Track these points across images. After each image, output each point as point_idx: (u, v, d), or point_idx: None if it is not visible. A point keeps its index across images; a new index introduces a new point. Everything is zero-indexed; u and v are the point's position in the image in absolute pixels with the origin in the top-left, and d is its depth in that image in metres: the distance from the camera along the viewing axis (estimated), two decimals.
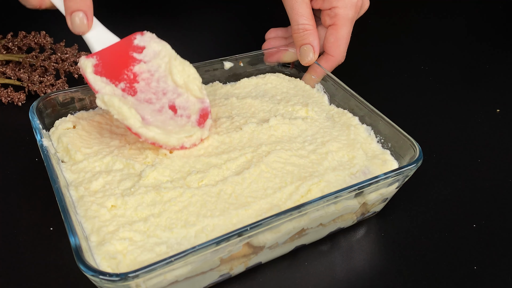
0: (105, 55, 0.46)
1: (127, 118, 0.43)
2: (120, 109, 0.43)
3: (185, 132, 0.46)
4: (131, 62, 0.47)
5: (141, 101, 0.46)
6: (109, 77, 0.46)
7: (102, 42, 0.46)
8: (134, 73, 0.47)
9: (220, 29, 0.83)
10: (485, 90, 0.71)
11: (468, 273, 0.43)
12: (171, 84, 0.48)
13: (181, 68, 0.48)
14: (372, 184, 0.41)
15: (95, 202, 0.40)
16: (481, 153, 0.58)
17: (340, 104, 0.55)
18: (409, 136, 0.46)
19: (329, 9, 0.57)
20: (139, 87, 0.46)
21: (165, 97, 0.47)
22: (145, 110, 0.46)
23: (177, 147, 0.45)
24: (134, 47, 0.47)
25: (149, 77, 0.47)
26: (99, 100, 0.43)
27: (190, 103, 0.48)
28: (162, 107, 0.47)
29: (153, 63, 0.47)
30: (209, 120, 0.48)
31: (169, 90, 0.47)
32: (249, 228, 0.35)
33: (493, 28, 0.90)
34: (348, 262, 0.44)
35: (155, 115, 0.46)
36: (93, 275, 0.32)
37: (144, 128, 0.43)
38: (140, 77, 0.47)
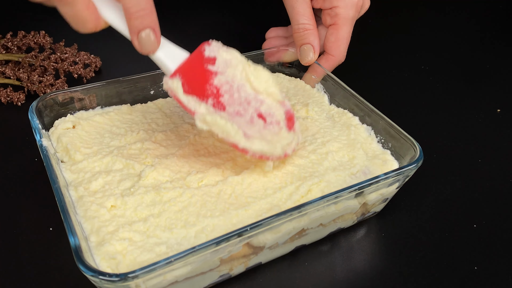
0: (184, 72, 0.43)
1: (233, 135, 0.42)
2: (225, 127, 0.41)
3: (284, 139, 0.44)
4: (209, 76, 0.44)
5: (233, 115, 0.44)
6: (198, 95, 0.43)
7: (174, 58, 0.43)
8: (215, 87, 0.43)
9: (220, 28, 0.83)
10: (486, 90, 0.70)
11: (468, 273, 0.43)
12: (251, 92, 0.45)
13: (257, 73, 0.45)
14: (373, 184, 0.40)
15: (95, 202, 0.40)
16: (482, 153, 0.58)
17: (340, 104, 0.55)
18: (410, 136, 0.46)
19: (329, 8, 0.57)
20: (225, 101, 0.44)
21: (251, 107, 0.45)
22: (240, 124, 0.43)
23: (282, 156, 0.44)
24: (207, 59, 0.44)
25: (230, 89, 0.44)
26: (200, 121, 0.41)
27: (274, 108, 0.45)
28: (252, 117, 0.44)
29: (228, 73, 0.44)
30: (297, 122, 0.47)
31: (251, 98, 0.45)
32: (249, 228, 0.35)
33: (493, 27, 0.89)
34: (348, 262, 0.44)
35: (250, 127, 0.44)
36: (93, 275, 0.32)
37: (249, 142, 0.42)
38: (222, 90, 0.44)
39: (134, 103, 0.54)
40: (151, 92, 0.55)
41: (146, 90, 0.55)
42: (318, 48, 0.57)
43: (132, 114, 0.52)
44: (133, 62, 0.64)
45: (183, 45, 0.45)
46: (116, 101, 0.53)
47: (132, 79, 0.53)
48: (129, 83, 0.53)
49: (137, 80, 0.53)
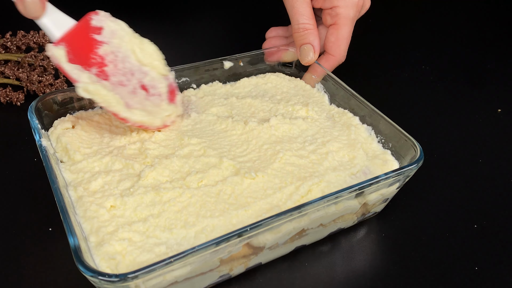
0: (69, 40, 0.44)
1: (113, 104, 0.43)
2: (106, 97, 0.43)
3: (164, 111, 0.47)
4: (94, 45, 0.45)
5: (116, 85, 0.45)
6: (81, 63, 0.44)
7: (60, 26, 0.43)
8: (100, 56, 0.45)
9: (220, 28, 0.83)
10: (486, 90, 0.70)
11: (469, 274, 0.43)
12: (136, 64, 0.47)
13: (143, 46, 0.47)
14: (373, 184, 0.40)
15: (94, 203, 0.40)
16: (482, 153, 0.58)
17: (340, 104, 0.55)
18: (410, 136, 0.45)
19: (330, 8, 0.57)
20: (109, 71, 0.45)
21: (134, 78, 0.46)
22: (122, 94, 0.45)
23: (161, 126, 0.47)
24: (93, 28, 0.45)
25: (115, 59, 0.45)
26: (82, 89, 0.43)
27: (157, 81, 0.48)
28: (135, 88, 0.46)
29: (114, 43, 0.46)
30: (179, 96, 0.49)
31: (135, 70, 0.46)
32: (249, 229, 0.35)
33: (494, 27, 0.89)
34: (349, 262, 0.44)
35: (132, 97, 0.46)
36: (92, 275, 0.32)
37: (129, 112, 0.44)
38: (106, 59, 0.45)
39: None
40: None
41: None
42: (318, 48, 0.57)
43: None
44: None
45: (183, 44, 0.44)
46: None
47: None
48: None
49: None
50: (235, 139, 0.49)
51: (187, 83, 0.57)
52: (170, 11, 0.86)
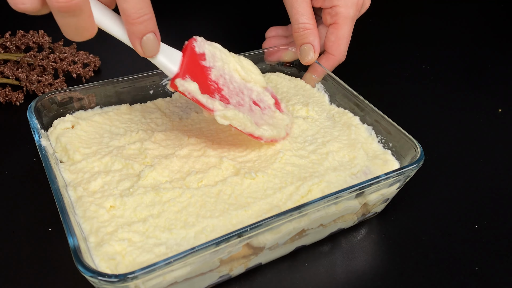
0: (189, 72, 0.43)
1: (249, 125, 0.44)
2: (243, 119, 0.43)
3: (282, 120, 0.48)
4: (206, 72, 0.45)
5: (237, 107, 0.45)
6: (207, 92, 0.44)
7: (172, 58, 0.42)
8: (214, 81, 0.45)
9: (220, 27, 0.83)
10: (487, 90, 0.70)
11: (469, 274, 0.43)
12: (241, 82, 0.47)
13: (241, 63, 0.48)
14: (373, 184, 0.40)
15: (94, 203, 0.40)
16: (483, 153, 0.57)
17: (340, 104, 0.55)
18: (410, 136, 0.45)
19: (330, 7, 0.57)
20: (226, 94, 0.45)
21: (246, 96, 0.47)
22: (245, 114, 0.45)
23: (286, 136, 0.48)
24: (199, 56, 0.44)
25: (225, 82, 0.46)
26: (221, 117, 0.42)
27: (262, 94, 0.49)
28: (250, 105, 0.47)
29: (218, 66, 0.46)
30: (283, 104, 0.50)
31: (243, 88, 0.47)
32: (249, 229, 0.35)
33: (494, 27, 0.89)
34: (349, 263, 0.44)
35: (252, 115, 0.46)
36: (92, 276, 0.32)
37: (262, 130, 0.45)
38: (220, 84, 0.45)
39: (133, 103, 0.54)
40: (150, 92, 0.55)
41: (145, 90, 0.54)
42: (319, 47, 0.57)
43: (131, 114, 0.51)
44: (132, 62, 0.63)
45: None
46: (115, 101, 0.53)
47: (131, 79, 0.53)
48: (128, 83, 0.53)
49: (136, 79, 0.53)
50: (235, 139, 0.49)
51: None
52: (169, 10, 0.85)
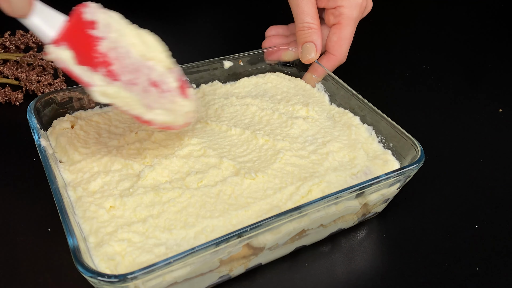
0: (67, 39, 0.38)
1: (135, 107, 0.39)
2: (127, 99, 0.39)
3: (183, 107, 0.43)
4: (93, 42, 0.39)
5: (128, 85, 0.40)
6: (88, 64, 0.39)
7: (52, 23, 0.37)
8: (102, 54, 0.39)
9: (219, 26, 0.83)
10: (487, 89, 0.70)
11: (470, 275, 0.43)
12: (139, 59, 0.41)
13: (142, 38, 0.42)
14: (373, 184, 0.40)
15: (94, 203, 0.40)
16: (483, 153, 0.57)
17: (341, 104, 0.55)
18: (411, 136, 0.45)
19: (334, 8, 0.57)
20: (116, 69, 0.40)
21: (142, 74, 0.41)
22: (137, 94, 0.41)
23: (184, 125, 0.43)
24: (87, 23, 0.39)
25: (118, 55, 0.40)
26: (99, 93, 0.38)
27: (165, 75, 0.43)
28: (146, 86, 0.41)
29: (112, 38, 0.40)
30: (190, 89, 0.45)
31: (140, 66, 0.41)
32: (249, 229, 0.35)
33: (495, 26, 0.89)
34: (349, 263, 0.44)
35: (146, 96, 0.41)
36: (92, 276, 0.31)
37: (152, 113, 0.40)
38: (110, 57, 0.40)
39: None
40: None
41: None
42: (320, 47, 0.57)
43: None
44: None
45: (181, 44, 0.44)
46: None
47: None
48: None
49: None
50: (235, 139, 0.49)
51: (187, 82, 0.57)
52: (168, 9, 0.85)
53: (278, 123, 0.51)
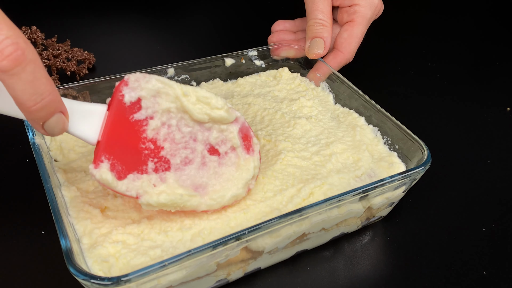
0: (109, 143, 0.35)
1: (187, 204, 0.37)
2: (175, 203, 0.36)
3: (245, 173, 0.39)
4: (139, 129, 0.36)
5: (181, 169, 0.37)
6: (133, 168, 0.36)
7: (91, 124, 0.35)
8: (151, 140, 0.36)
9: (224, 21, 0.82)
10: (495, 88, 0.69)
11: (477, 279, 0.42)
12: (194, 124, 0.38)
13: (195, 99, 0.37)
14: (378, 187, 0.39)
15: (88, 203, 0.39)
16: (491, 153, 0.56)
17: (345, 104, 0.54)
18: (417, 137, 0.44)
19: (349, 6, 0.58)
20: (167, 153, 0.37)
21: (199, 144, 0.38)
22: (191, 175, 0.38)
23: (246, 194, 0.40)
24: (130, 108, 0.35)
25: (169, 132, 0.37)
26: (146, 206, 0.36)
27: (226, 132, 0.39)
28: (203, 158, 0.38)
29: (160, 112, 0.36)
30: (254, 139, 0.41)
31: (195, 132, 0.38)
32: (247, 232, 0.34)
33: (502, 24, 0.88)
34: (352, 268, 0.43)
35: (203, 172, 0.38)
36: (84, 279, 0.31)
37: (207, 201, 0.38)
38: (160, 140, 0.36)
39: None
40: None
41: None
42: (329, 45, 0.57)
43: None
44: (127, 59, 0.63)
45: (183, 40, 0.43)
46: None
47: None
48: None
49: None
50: None
51: (187, 80, 0.56)
52: (169, 6, 0.85)
53: (280, 123, 0.50)
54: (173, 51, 0.49)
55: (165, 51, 0.47)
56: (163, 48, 0.47)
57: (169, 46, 0.49)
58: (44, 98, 0.30)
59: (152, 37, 0.69)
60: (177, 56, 0.44)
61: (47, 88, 0.30)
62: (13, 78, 0.28)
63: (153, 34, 0.46)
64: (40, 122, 0.31)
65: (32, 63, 0.28)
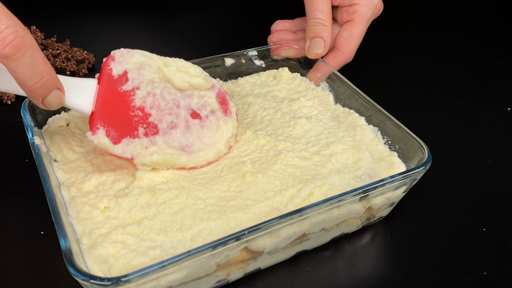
0: (103, 114, 0.39)
1: (177, 162, 0.41)
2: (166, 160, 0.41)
3: (226, 132, 0.44)
4: (128, 99, 0.40)
5: (168, 132, 0.42)
6: (126, 133, 0.40)
7: (85, 97, 0.39)
8: (139, 108, 0.40)
9: (224, 20, 0.82)
10: (496, 88, 0.69)
11: (477, 279, 0.42)
12: (176, 92, 0.42)
13: (175, 69, 0.42)
14: (378, 187, 0.39)
15: (88, 203, 0.39)
16: (492, 153, 0.56)
17: (346, 104, 0.54)
18: (418, 137, 0.44)
19: (348, 5, 0.58)
20: (154, 119, 0.41)
21: (182, 109, 0.43)
22: (177, 138, 0.42)
23: (228, 151, 0.45)
24: (118, 80, 0.40)
25: (154, 100, 0.41)
26: (141, 166, 0.40)
27: (205, 97, 0.44)
28: (187, 121, 0.43)
29: (145, 82, 0.41)
30: (231, 102, 0.46)
31: (178, 99, 0.42)
32: (247, 232, 0.34)
33: (503, 23, 0.88)
34: (352, 268, 0.43)
35: (188, 136, 0.43)
36: (84, 279, 0.31)
37: (194, 158, 0.42)
38: (147, 107, 0.41)
39: None
40: None
41: None
42: (329, 45, 0.57)
43: None
44: None
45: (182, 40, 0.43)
46: None
47: None
48: None
49: None
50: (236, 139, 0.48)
51: None
52: (169, 7, 0.84)
53: (280, 123, 0.50)
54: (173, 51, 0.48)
55: (165, 51, 0.47)
56: (162, 48, 0.47)
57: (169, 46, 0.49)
58: (43, 77, 0.34)
59: (151, 37, 0.69)
60: (177, 56, 0.44)
61: (44, 69, 0.34)
62: (15, 62, 0.32)
63: (153, 34, 0.46)
64: (40, 99, 0.36)
65: (30, 48, 0.32)
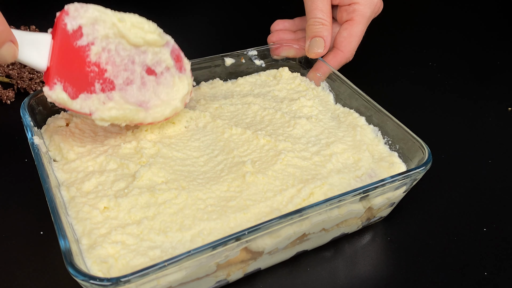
0: (59, 69, 0.39)
1: (135, 118, 0.42)
2: (124, 116, 0.41)
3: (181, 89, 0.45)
4: (83, 54, 0.40)
5: (124, 88, 0.42)
6: (83, 88, 0.40)
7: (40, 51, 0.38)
8: (94, 63, 0.40)
9: (224, 20, 0.82)
10: (496, 88, 0.69)
11: (478, 280, 0.42)
12: (131, 48, 0.42)
13: (130, 24, 0.42)
14: (378, 187, 0.39)
15: (87, 204, 0.39)
16: (492, 153, 0.56)
17: (346, 104, 0.53)
18: (418, 137, 0.44)
19: (348, 4, 0.57)
20: (110, 75, 0.41)
21: (137, 65, 0.43)
22: (134, 93, 0.43)
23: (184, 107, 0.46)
24: (73, 35, 0.39)
25: (109, 56, 0.41)
26: (100, 121, 0.41)
27: (160, 54, 0.44)
28: (143, 77, 0.43)
29: (99, 38, 0.40)
30: (185, 59, 0.46)
31: (133, 55, 0.42)
32: (247, 232, 0.34)
33: (504, 22, 0.88)
34: (352, 268, 0.43)
35: (144, 91, 0.43)
36: (83, 279, 0.31)
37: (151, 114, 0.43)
38: (102, 63, 0.41)
39: None
40: None
41: None
42: (329, 44, 0.57)
43: None
44: None
45: (181, 40, 0.43)
46: None
47: None
48: None
49: None
50: (236, 139, 0.47)
51: None
52: (168, 6, 0.84)
53: (280, 123, 0.50)
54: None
55: None
56: None
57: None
58: None
59: None
60: None
61: None
62: None
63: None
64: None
65: None
